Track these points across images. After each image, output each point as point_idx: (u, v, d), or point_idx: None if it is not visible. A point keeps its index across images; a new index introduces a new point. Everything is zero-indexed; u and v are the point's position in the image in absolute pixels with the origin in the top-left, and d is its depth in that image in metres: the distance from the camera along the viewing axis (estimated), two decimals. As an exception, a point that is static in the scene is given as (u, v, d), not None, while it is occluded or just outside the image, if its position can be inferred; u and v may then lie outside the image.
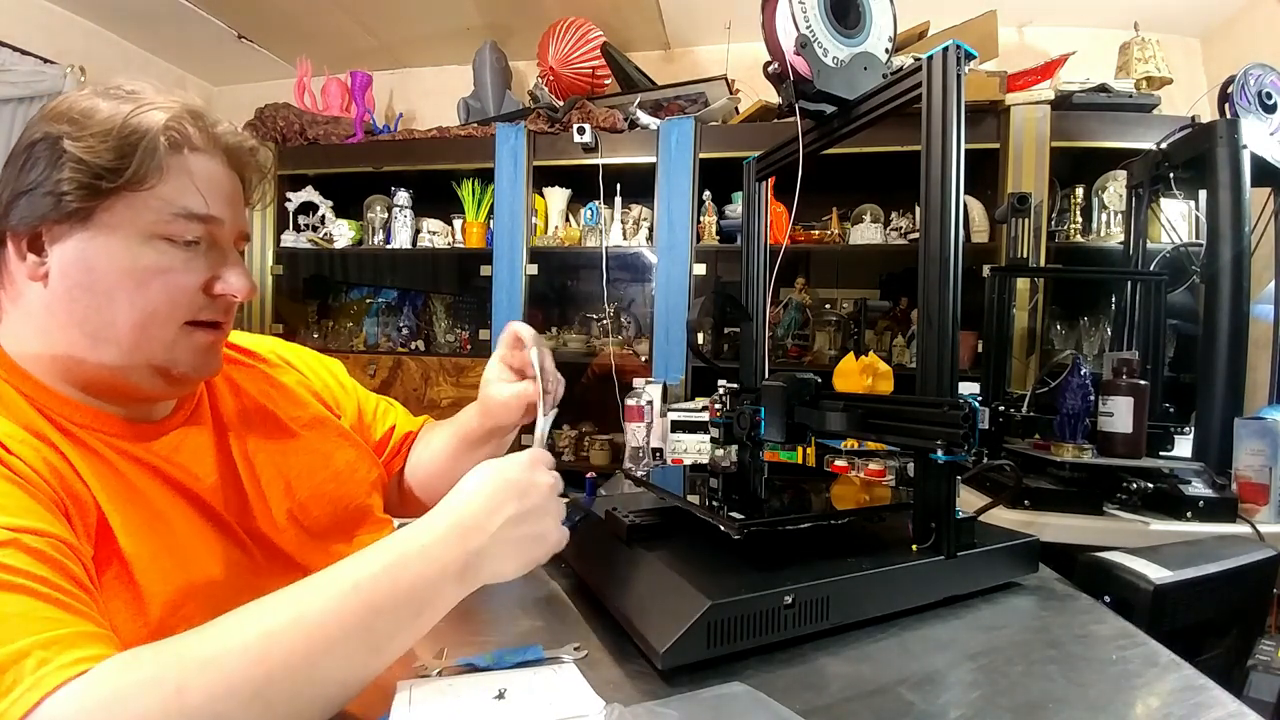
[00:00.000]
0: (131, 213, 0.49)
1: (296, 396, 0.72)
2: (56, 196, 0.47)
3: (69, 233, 0.49)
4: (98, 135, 0.48)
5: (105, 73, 2.53)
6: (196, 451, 0.58)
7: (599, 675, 0.50)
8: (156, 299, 0.51)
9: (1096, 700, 0.47)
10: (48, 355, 0.51)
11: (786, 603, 0.53)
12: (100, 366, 0.51)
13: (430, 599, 0.44)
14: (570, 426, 2.34)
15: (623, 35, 2.49)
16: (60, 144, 0.47)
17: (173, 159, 0.50)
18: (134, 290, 0.50)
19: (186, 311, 0.53)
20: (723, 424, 0.86)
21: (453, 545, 0.45)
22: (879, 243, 2.10)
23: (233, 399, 0.65)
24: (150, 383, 0.53)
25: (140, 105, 0.50)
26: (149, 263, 0.50)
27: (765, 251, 0.95)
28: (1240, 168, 1.27)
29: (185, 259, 0.52)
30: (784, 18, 0.73)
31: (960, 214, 0.63)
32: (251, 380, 0.68)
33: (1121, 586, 0.70)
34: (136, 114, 0.49)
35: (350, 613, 0.41)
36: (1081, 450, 1.16)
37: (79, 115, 0.48)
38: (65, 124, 0.48)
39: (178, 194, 0.50)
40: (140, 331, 0.51)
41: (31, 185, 0.48)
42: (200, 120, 0.53)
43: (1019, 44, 2.34)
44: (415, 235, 2.40)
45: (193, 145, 0.52)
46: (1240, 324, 1.26)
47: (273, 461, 0.64)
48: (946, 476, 0.62)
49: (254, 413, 0.66)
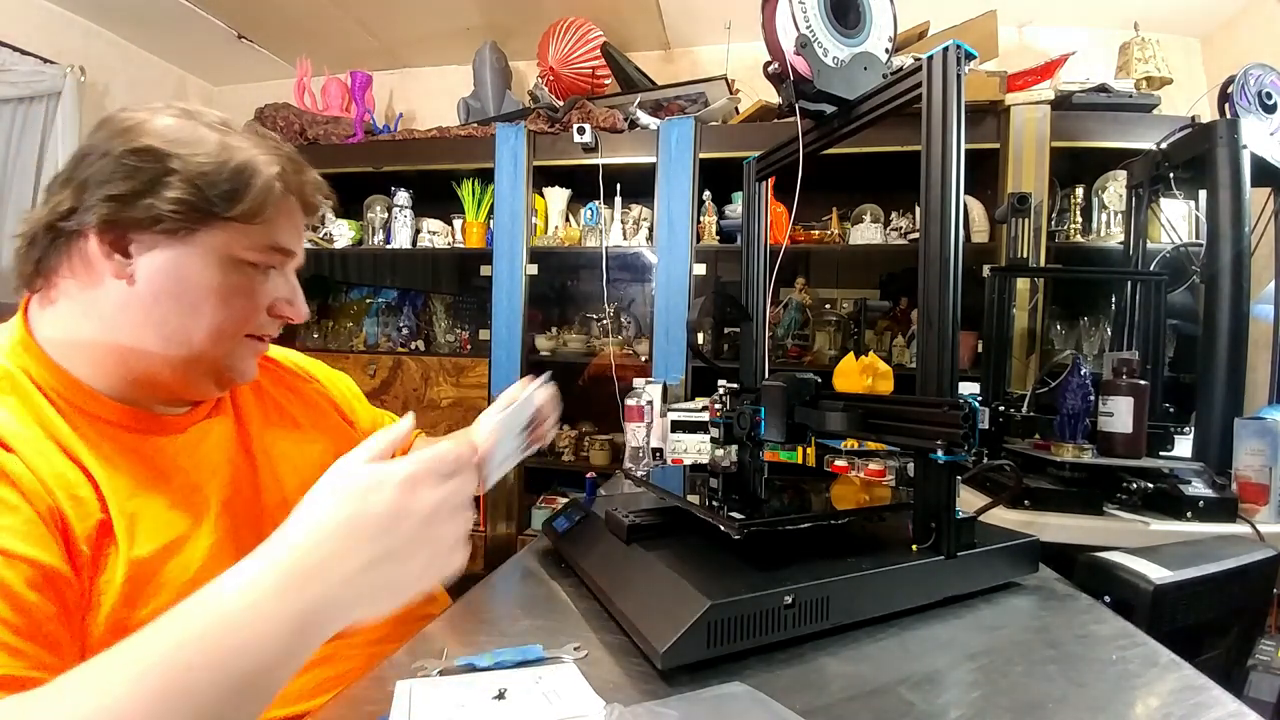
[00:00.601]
0: (232, 239, 0.54)
1: (316, 404, 0.76)
2: (157, 210, 0.50)
3: (162, 243, 0.52)
4: (208, 163, 0.52)
5: (105, 73, 2.54)
6: (217, 445, 0.61)
7: (599, 675, 0.50)
8: (234, 315, 0.56)
9: (1096, 700, 0.47)
10: (105, 344, 0.53)
11: (786, 603, 0.53)
12: (164, 363, 0.54)
13: (257, 671, 0.35)
14: (570, 426, 2.34)
15: (623, 35, 2.49)
16: (168, 163, 0.51)
17: (281, 201, 0.57)
18: (218, 305, 0.55)
19: (251, 326, 0.58)
20: (723, 424, 0.86)
21: (287, 598, 0.36)
22: (879, 243, 2.10)
23: (255, 401, 0.68)
24: (203, 383, 0.58)
25: (246, 144, 0.55)
26: (235, 283, 0.55)
27: (765, 251, 0.95)
28: (1240, 168, 1.26)
29: (261, 281, 0.58)
30: (784, 18, 0.73)
31: (960, 214, 0.63)
32: (275, 385, 0.73)
33: (1121, 586, 0.70)
34: (246, 152, 0.55)
35: (158, 699, 0.32)
36: (1081, 450, 1.16)
37: (187, 138, 0.52)
38: (167, 143, 0.51)
39: (278, 231, 0.57)
40: (212, 341, 0.55)
41: (128, 193, 0.50)
42: (299, 169, 0.60)
43: (1019, 44, 2.34)
44: (415, 235, 2.40)
45: (290, 189, 0.59)
46: (1240, 324, 1.26)
47: (289, 460, 0.67)
48: (946, 476, 0.62)
49: (274, 415, 0.69)
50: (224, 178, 0.53)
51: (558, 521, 0.81)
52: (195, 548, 0.53)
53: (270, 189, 0.55)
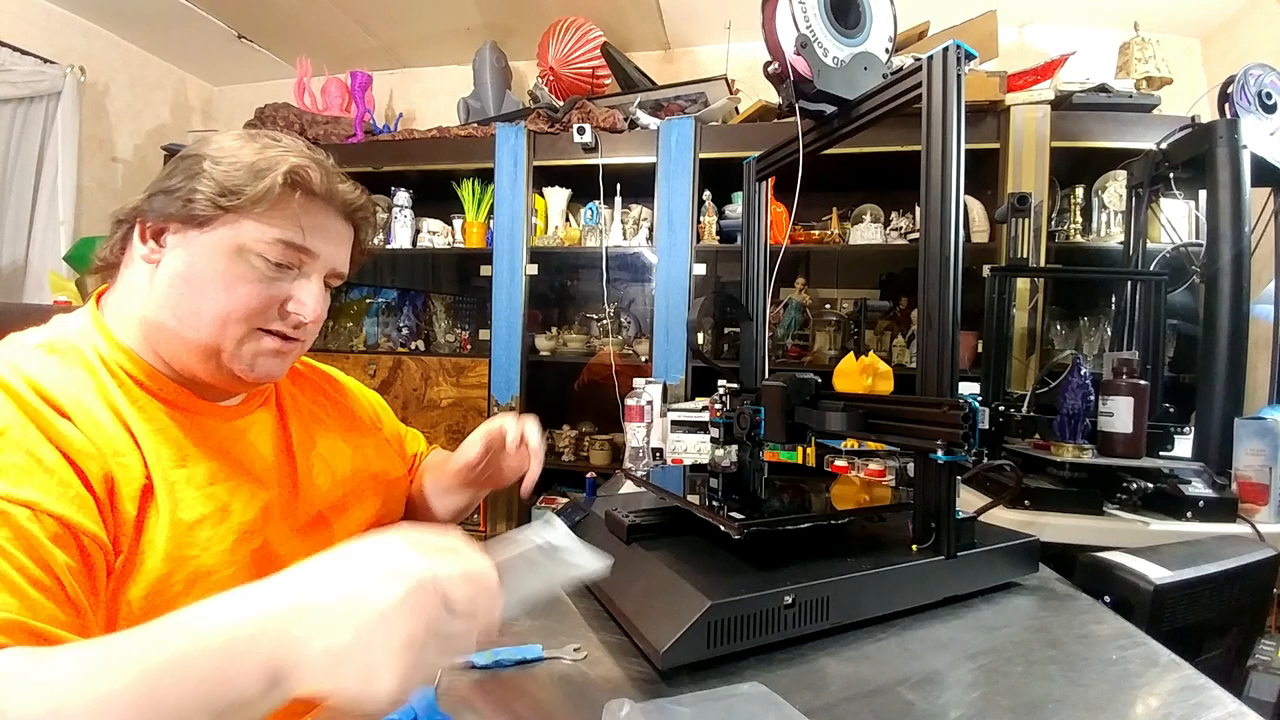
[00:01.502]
0: (239, 229, 0.58)
1: (349, 410, 0.82)
2: (187, 202, 0.57)
3: (187, 232, 0.58)
4: (235, 164, 0.58)
5: (105, 73, 2.54)
6: (261, 437, 0.66)
7: (599, 675, 0.50)
8: (237, 300, 0.58)
9: (1096, 700, 0.47)
10: (144, 321, 0.59)
11: (786, 603, 0.53)
12: (182, 344, 0.59)
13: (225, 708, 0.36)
14: (570, 426, 2.35)
15: (623, 35, 2.49)
16: (203, 164, 0.58)
17: (286, 196, 0.59)
18: (222, 289, 0.58)
19: (260, 319, 0.60)
20: (723, 424, 0.86)
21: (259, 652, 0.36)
22: (879, 243, 2.10)
23: (294, 405, 0.74)
24: (216, 372, 0.60)
25: (283, 150, 0.60)
26: (240, 271, 0.58)
27: (765, 251, 0.95)
28: (1240, 168, 1.26)
29: (273, 277, 0.60)
30: (784, 18, 0.73)
31: (960, 214, 0.63)
32: (312, 391, 0.78)
33: (1121, 586, 0.70)
34: (273, 156, 0.59)
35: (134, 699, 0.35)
36: (1081, 450, 1.16)
37: (228, 148, 0.59)
38: (214, 150, 0.59)
39: (280, 223, 0.59)
40: (219, 324, 0.58)
41: (171, 188, 0.58)
42: (326, 172, 0.63)
43: (1019, 44, 2.34)
44: (415, 235, 2.40)
45: (310, 190, 0.61)
46: (1240, 324, 1.26)
47: (324, 460, 0.71)
48: (946, 476, 0.62)
49: (310, 418, 0.74)
50: (243, 173, 0.57)
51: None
52: (234, 519, 0.57)
53: (274, 183, 0.57)
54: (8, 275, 2.26)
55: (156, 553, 0.51)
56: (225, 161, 0.58)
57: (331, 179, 0.63)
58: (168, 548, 0.51)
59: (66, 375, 0.53)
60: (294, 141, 0.63)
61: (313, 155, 0.63)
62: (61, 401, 0.50)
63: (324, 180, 0.62)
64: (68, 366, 0.54)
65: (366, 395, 0.88)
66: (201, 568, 0.53)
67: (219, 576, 0.53)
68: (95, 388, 0.54)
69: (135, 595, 0.50)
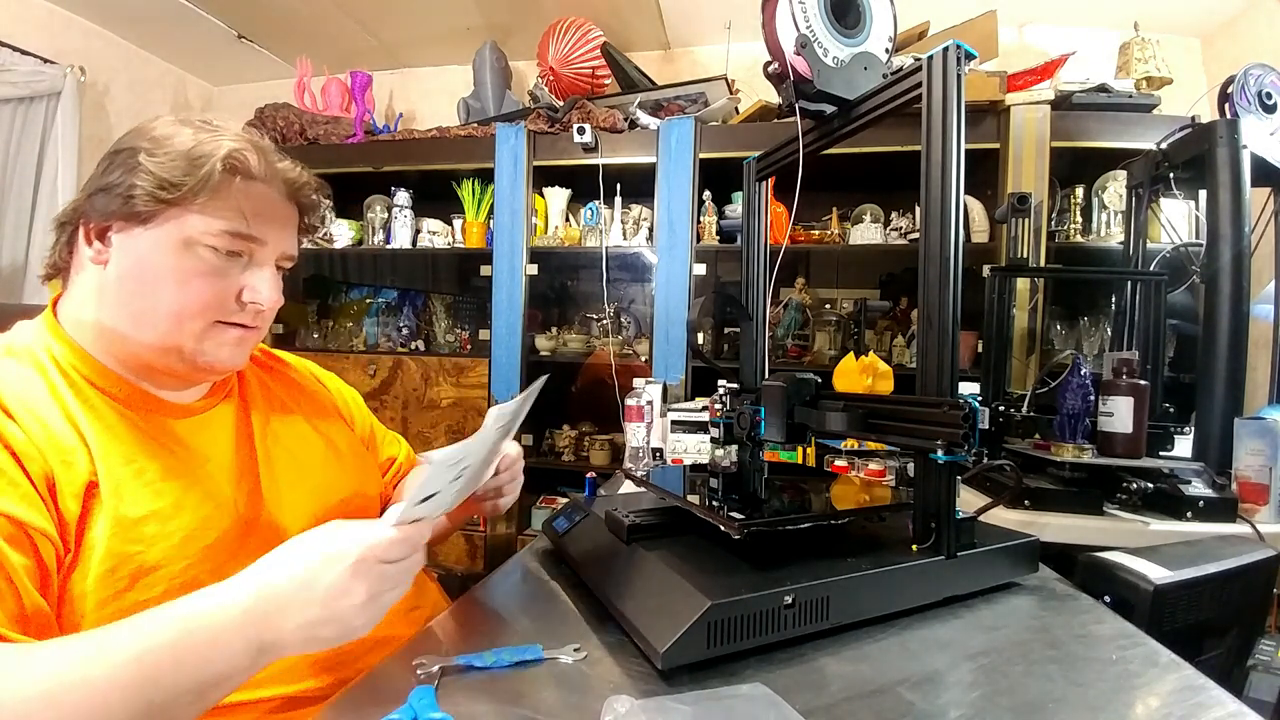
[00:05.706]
0: (184, 222, 0.57)
1: (322, 407, 0.79)
2: (127, 198, 0.56)
3: (131, 229, 0.57)
4: (170, 155, 0.56)
5: (105, 73, 2.54)
6: (223, 429, 0.65)
7: (599, 675, 0.50)
8: (191, 296, 0.58)
9: (1096, 700, 0.47)
10: (96, 325, 0.59)
11: (786, 603, 0.53)
12: (139, 345, 0.58)
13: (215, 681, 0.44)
14: (570, 426, 2.35)
15: (623, 35, 2.48)
16: (138, 156, 0.56)
17: (226, 183, 0.58)
18: (175, 286, 0.57)
19: (218, 312, 0.60)
20: (723, 424, 0.86)
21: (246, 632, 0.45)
22: (879, 243, 2.09)
23: (263, 396, 0.71)
24: (178, 365, 0.60)
25: (216, 135, 0.59)
26: (190, 265, 0.57)
27: (765, 251, 0.95)
28: (1240, 168, 1.26)
29: (224, 267, 0.59)
30: (784, 18, 0.73)
31: (960, 214, 0.63)
32: (284, 386, 0.76)
33: (1121, 586, 0.70)
34: (208, 142, 0.58)
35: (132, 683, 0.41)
36: (1081, 450, 1.16)
37: (160, 137, 0.57)
38: (147, 141, 0.57)
39: (224, 212, 0.58)
40: (175, 321, 0.58)
41: (110, 185, 0.57)
42: (264, 154, 0.61)
43: (1019, 44, 2.34)
44: (415, 235, 2.40)
45: (249, 174, 0.60)
46: (1240, 324, 1.26)
47: (290, 454, 0.69)
48: (946, 476, 0.62)
49: (280, 411, 0.72)
50: (178, 165, 0.56)
51: (558, 521, 0.81)
52: (186, 515, 0.56)
53: (212, 171, 0.56)
54: (8, 275, 2.26)
55: (100, 548, 0.51)
56: (160, 152, 0.56)
57: (270, 160, 0.62)
58: (110, 544, 0.51)
59: (17, 377, 0.54)
60: (229, 125, 0.61)
61: (249, 138, 0.62)
62: (8, 403, 0.51)
63: (262, 162, 0.61)
64: (20, 368, 0.55)
65: (344, 393, 0.87)
66: (146, 563, 0.52)
67: (167, 571, 0.53)
68: (46, 388, 0.54)
69: (81, 590, 0.50)
